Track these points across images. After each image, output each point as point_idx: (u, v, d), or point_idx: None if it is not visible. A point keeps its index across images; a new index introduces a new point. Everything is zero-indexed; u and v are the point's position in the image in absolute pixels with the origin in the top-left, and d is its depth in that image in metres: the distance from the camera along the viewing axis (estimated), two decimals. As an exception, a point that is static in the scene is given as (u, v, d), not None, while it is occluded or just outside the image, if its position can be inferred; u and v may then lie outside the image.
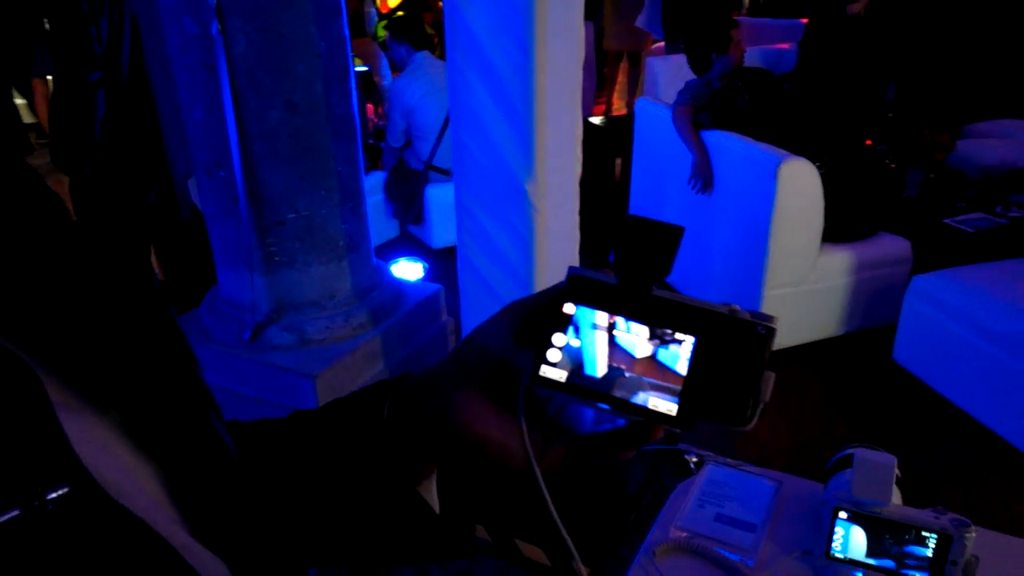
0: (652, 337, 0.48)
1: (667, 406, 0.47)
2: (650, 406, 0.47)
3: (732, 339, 0.47)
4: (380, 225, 4.49)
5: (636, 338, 0.48)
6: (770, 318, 0.47)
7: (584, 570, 0.64)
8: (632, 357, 0.48)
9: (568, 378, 0.49)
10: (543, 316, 0.51)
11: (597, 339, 0.49)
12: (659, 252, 0.49)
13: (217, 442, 0.50)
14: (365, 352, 2.63)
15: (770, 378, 0.46)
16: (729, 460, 1.43)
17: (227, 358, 2.57)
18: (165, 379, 0.47)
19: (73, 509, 0.35)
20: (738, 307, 0.48)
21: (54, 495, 0.34)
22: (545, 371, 0.49)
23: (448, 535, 0.61)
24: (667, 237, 0.49)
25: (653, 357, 0.48)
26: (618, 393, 0.48)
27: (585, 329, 0.50)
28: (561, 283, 0.52)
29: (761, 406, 0.46)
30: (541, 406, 0.55)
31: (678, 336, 0.48)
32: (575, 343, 0.49)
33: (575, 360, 0.49)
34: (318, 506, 0.58)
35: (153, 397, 0.46)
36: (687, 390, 0.47)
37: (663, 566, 1.13)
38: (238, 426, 0.61)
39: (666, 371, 0.47)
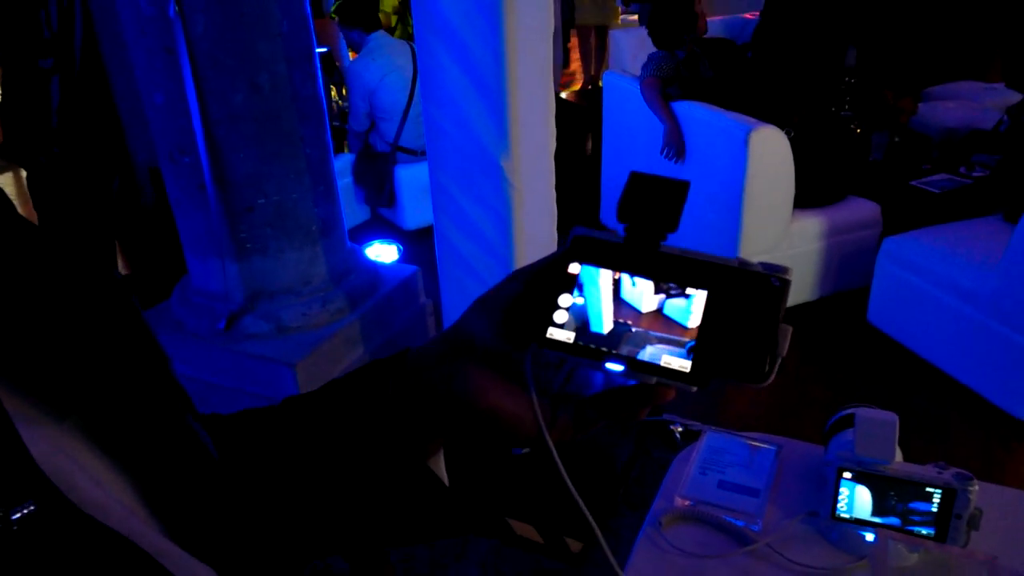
0: (658, 291, 0.47)
1: (680, 363, 0.45)
2: (662, 363, 0.45)
3: (745, 292, 0.45)
4: (351, 208, 4.41)
5: (641, 292, 0.47)
6: (784, 269, 0.45)
7: (578, 544, 0.62)
8: (638, 312, 0.47)
9: (575, 339, 0.48)
10: (548, 277, 0.49)
11: (602, 294, 0.48)
12: (665, 207, 0.47)
13: (192, 441, 0.47)
14: (344, 337, 2.59)
15: (787, 331, 0.45)
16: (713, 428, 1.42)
17: (202, 349, 2.51)
18: (131, 378, 0.44)
19: (42, 527, 0.33)
20: (749, 260, 0.47)
21: (19, 514, 0.32)
22: (552, 333, 0.48)
23: (461, 509, 0.59)
24: (673, 192, 0.48)
25: (659, 311, 0.46)
26: (626, 350, 0.47)
27: (590, 287, 0.48)
28: (565, 245, 0.50)
29: (779, 360, 0.45)
30: (549, 376, 0.53)
31: (688, 291, 0.46)
32: (580, 301, 0.48)
33: (581, 320, 0.48)
34: (326, 491, 0.56)
35: (118, 398, 0.43)
36: (700, 346, 0.45)
37: (670, 535, 1.12)
38: (219, 419, 0.58)
39: (674, 325, 0.46)
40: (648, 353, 0.46)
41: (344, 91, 4.95)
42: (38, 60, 2.91)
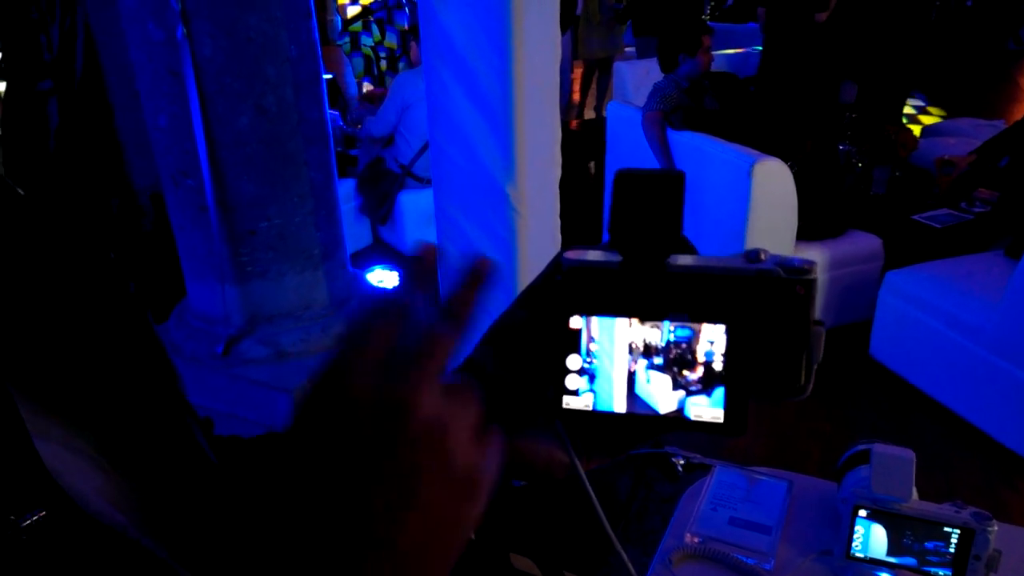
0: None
1: (712, 413, 0.41)
2: (693, 417, 0.42)
3: (768, 308, 0.40)
4: (353, 232, 4.40)
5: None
6: (807, 268, 0.41)
7: None
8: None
9: (595, 404, 0.43)
10: (549, 338, 0.43)
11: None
12: (661, 212, 0.41)
13: (200, 459, 0.47)
14: (343, 363, 2.56)
15: (820, 334, 0.42)
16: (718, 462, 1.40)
17: (199, 373, 2.48)
18: (141, 393, 0.44)
19: (51, 533, 0.33)
20: (766, 252, 0.42)
21: (28, 521, 0.33)
22: (568, 402, 0.43)
23: (483, 554, 0.57)
24: (667, 188, 0.41)
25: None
26: (659, 407, 0.43)
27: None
28: (556, 276, 0.44)
29: (815, 367, 0.42)
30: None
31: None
32: (591, 362, 0.43)
33: (595, 383, 0.43)
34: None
35: (128, 413, 0.43)
36: (731, 389, 0.41)
37: (680, 573, 1.09)
38: (239, 442, 0.59)
39: (697, 367, 0.42)
40: (681, 403, 0.42)
41: (348, 117, 4.96)
42: (37, 82, 2.91)
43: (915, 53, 5.01)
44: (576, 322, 0.43)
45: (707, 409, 0.41)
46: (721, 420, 0.41)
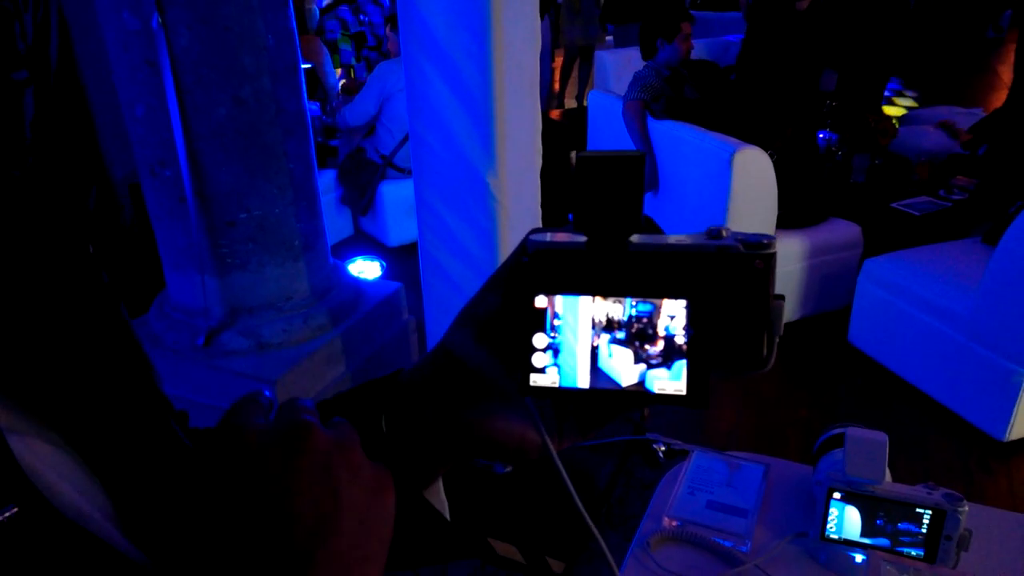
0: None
1: (675, 386, 0.42)
2: (656, 390, 0.42)
3: (729, 283, 0.41)
4: (334, 223, 4.38)
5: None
6: (767, 242, 0.42)
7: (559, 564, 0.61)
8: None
9: (560, 380, 0.44)
10: (516, 318, 0.44)
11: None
12: (622, 193, 0.42)
13: (176, 453, 0.47)
14: (325, 354, 2.55)
15: (780, 308, 0.43)
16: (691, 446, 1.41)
17: (180, 365, 2.47)
18: (116, 388, 0.44)
19: (23, 530, 0.33)
20: (727, 229, 0.43)
21: (1, 517, 0.33)
22: (535, 379, 0.44)
23: (460, 537, 0.58)
24: (627, 171, 0.42)
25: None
26: (621, 380, 0.43)
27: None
28: (523, 257, 0.45)
29: (776, 339, 0.43)
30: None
31: (668, 303, 0.41)
32: (556, 337, 0.43)
33: (561, 358, 0.44)
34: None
35: (103, 409, 0.43)
36: (693, 362, 0.41)
37: (658, 556, 1.11)
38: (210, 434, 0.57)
39: (658, 341, 0.42)
40: (642, 375, 0.43)
41: (328, 108, 4.93)
42: (11, 72, 2.87)
43: (895, 41, 5.04)
44: (541, 301, 0.43)
45: (669, 382, 0.42)
46: (684, 392, 0.42)
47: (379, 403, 0.52)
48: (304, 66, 2.62)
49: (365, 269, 3.76)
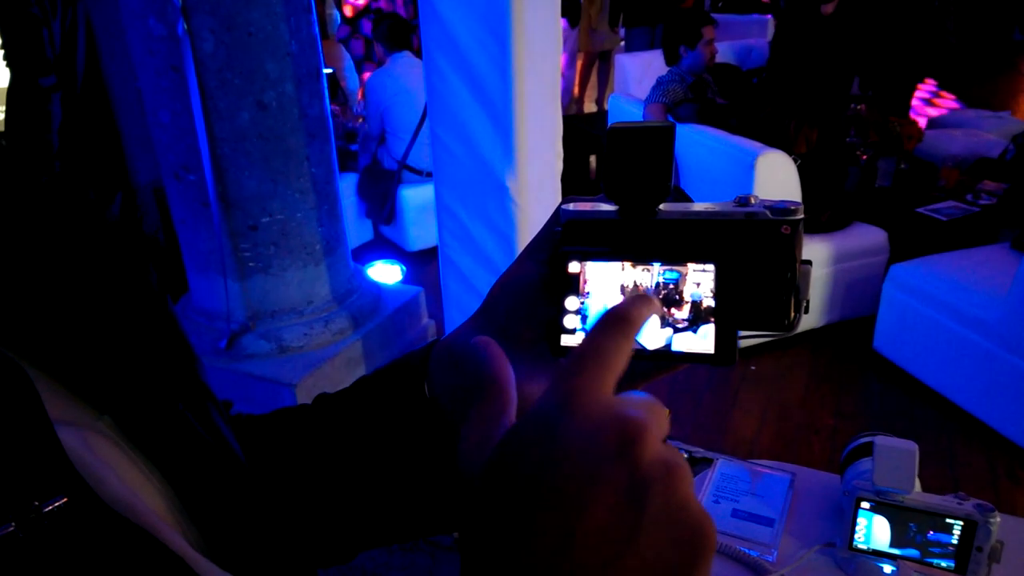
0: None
1: (703, 345, 0.43)
2: (685, 350, 0.43)
3: (756, 248, 0.43)
4: (354, 228, 4.40)
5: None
6: (794, 208, 0.43)
7: None
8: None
9: None
10: (551, 283, 0.46)
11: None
12: (653, 163, 0.44)
13: (220, 443, 0.48)
14: (346, 358, 2.56)
15: (807, 272, 0.43)
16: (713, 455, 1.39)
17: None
18: (163, 379, 0.45)
19: (72, 521, 0.34)
20: (755, 196, 0.44)
21: (50, 507, 0.33)
22: (565, 340, 0.45)
23: None
24: (657, 141, 0.44)
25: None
26: (644, 342, 0.44)
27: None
28: (556, 228, 0.47)
29: (804, 304, 0.44)
30: None
31: (694, 271, 0.42)
32: (588, 302, 0.45)
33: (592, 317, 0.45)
34: (360, 491, 0.55)
35: (150, 399, 0.44)
36: (720, 323, 0.42)
37: (682, 566, 1.09)
38: (253, 420, 0.60)
39: (684, 305, 0.43)
40: (669, 340, 0.44)
41: (348, 112, 4.97)
42: (39, 78, 2.91)
43: (922, 46, 4.98)
44: (574, 267, 0.45)
45: (697, 342, 0.43)
46: (712, 351, 0.43)
47: (420, 369, 0.54)
48: (325, 71, 2.64)
49: (385, 273, 3.76)
